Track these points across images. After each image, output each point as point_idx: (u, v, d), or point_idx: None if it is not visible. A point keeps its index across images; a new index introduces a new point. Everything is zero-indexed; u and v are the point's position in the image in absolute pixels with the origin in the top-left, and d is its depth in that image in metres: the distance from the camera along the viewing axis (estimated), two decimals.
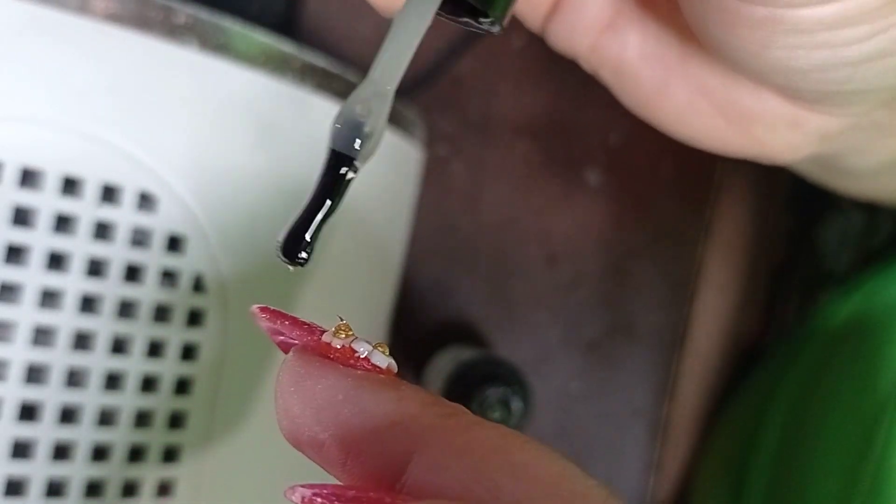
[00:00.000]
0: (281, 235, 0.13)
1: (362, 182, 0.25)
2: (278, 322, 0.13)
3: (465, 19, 0.12)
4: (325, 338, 0.13)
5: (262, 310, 0.13)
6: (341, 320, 0.13)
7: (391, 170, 0.27)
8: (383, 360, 0.13)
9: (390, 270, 0.29)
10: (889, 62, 0.17)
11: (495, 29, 0.13)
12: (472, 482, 0.11)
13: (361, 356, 0.13)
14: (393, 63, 0.13)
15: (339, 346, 0.13)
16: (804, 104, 0.20)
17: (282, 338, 0.14)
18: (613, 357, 0.36)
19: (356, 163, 0.13)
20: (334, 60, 0.24)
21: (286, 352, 0.13)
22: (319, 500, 0.11)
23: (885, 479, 0.24)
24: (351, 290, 0.26)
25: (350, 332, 0.13)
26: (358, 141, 0.13)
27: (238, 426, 0.22)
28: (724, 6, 0.16)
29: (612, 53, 0.21)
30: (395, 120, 0.26)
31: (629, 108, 0.22)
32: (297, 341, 0.13)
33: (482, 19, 0.13)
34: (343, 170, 0.13)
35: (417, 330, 0.33)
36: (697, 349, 0.38)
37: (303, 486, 0.11)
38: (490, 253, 0.34)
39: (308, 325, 0.13)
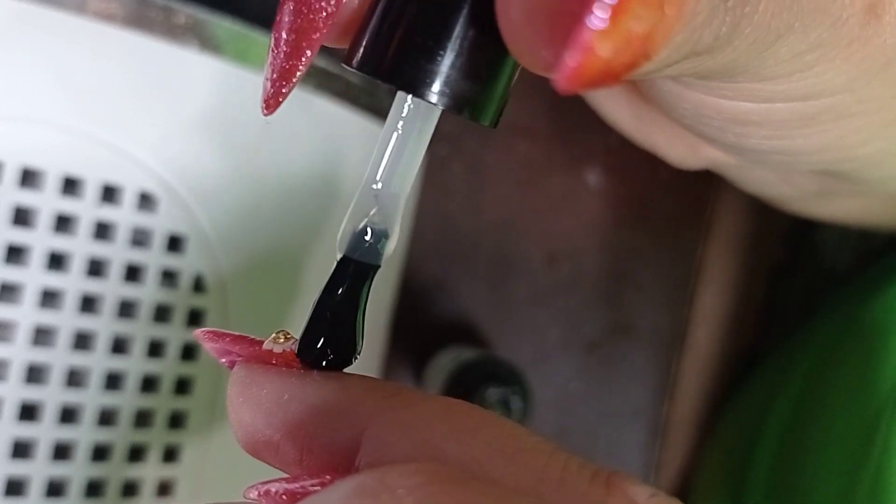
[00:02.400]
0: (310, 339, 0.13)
1: (356, 179, 0.25)
2: (220, 341, 0.14)
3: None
4: (266, 345, 0.13)
5: (205, 332, 0.14)
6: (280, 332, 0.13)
7: None
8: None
9: (390, 270, 0.29)
10: (785, 157, 0.18)
11: (490, 126, 0.13)
12: (418, 452, 0.11)
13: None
14: (404, 169, 0.13)
15: (279, 351, 0.13)
16: (703, 139, 0.20)
17: (227, 357, 0.14)
18: (613, 357, 0.36)
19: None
20: (334, 60, 0.24)
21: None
22: (273, 488, 0.12)
23: (884, 481, 0.24)
24: None
25: (289, 336, 0.13)
26: (382, 250, 0.13)
27: None
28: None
29: None
30: None
31: None
32: (241, 356, 0.14)
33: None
34: (369, 277, 0.13)
35: (417, 330, 0.33)
36: (697, 349, 0.38)
37: (257, 483, 0.12)
38: (490, 253, 0.34)
39: (250, 339, 0.14)
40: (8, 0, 0.19)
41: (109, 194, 0.20)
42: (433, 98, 0.11)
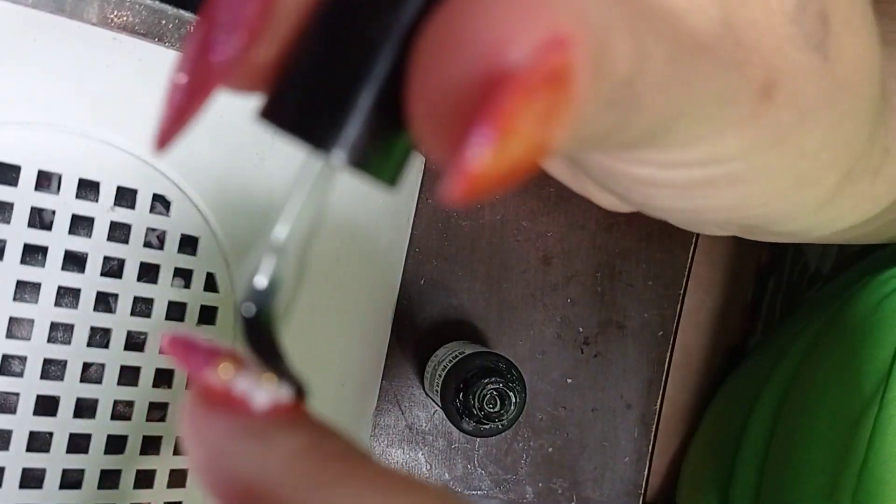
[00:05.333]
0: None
1: (363, 183, 0.26)
2: (174, 352, 0.12)
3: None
4: (208, 375, 0.12)
5: (167, 338, 0.13)
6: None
7: None
8: (264, 396, 0.12)
9: (392, 270, 0.30)
10: (690, 215, 0.19)
11: (390, 185, 0.13)
12: None
13: (241, 395, 0.12)
14: (300, 222, 0.13)
15: (220, 388, 0.12)
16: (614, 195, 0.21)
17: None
18: (606, 353, 0.36)
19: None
20: None
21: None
22: None
23: (868, 477, 0.25)
24: (354, 290, 0.27)
25: (238, 365, 0.12)
26: (276, 302, 0.13)
27: None
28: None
29: None
30: None
31: None
32: (191, 378, 0.12)
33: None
34: (271, 324, 0.12)
35: (419, 327, 0.34)
36: (686, 346, 0.39)
37: None
38: (488, 253, 0.35)
39: (204, 350, 0.12)
40: (26, 10, 0.20)
41: (124, 198, 0.21)
42: (340, 161, 0.12)
